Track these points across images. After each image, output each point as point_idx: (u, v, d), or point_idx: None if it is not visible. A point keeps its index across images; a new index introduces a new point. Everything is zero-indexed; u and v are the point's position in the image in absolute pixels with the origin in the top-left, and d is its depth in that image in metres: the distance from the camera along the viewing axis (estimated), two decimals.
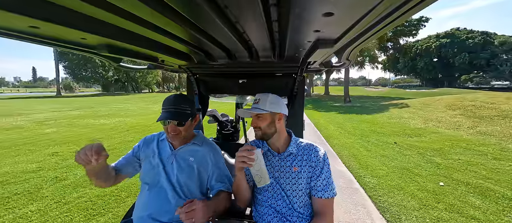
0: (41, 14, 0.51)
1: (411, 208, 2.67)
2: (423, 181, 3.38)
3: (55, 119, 9.68)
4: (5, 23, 0.56)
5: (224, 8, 0.53)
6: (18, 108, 14.26)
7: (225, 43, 0.90)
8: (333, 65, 1.30)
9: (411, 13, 0.50)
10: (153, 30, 0.67)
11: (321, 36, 0.70)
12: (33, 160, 4.30)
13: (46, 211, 2.56)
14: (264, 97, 1.06)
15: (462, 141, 5.55)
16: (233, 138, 2.31)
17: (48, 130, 7.28)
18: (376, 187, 3.23)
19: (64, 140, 5.91)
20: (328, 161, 1.04)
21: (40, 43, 0.72)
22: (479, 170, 3.75)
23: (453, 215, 2.52)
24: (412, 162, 4.21)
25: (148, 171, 1.11)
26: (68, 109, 14.07)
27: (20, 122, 8.63)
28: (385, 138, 6.16)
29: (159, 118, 1.05)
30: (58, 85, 36.69)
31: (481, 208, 2.64)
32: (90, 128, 7.80)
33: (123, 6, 0.51)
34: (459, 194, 2.98)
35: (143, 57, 1.04)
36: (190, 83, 1.70)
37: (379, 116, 10.05)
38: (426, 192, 3.05)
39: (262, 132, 1.04)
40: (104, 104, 18.11)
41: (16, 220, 2.37)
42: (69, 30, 0.61)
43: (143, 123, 8.86)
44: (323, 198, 0.98)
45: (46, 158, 4.39)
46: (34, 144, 5.42)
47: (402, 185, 3.26)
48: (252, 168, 0.94)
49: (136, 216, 1.08)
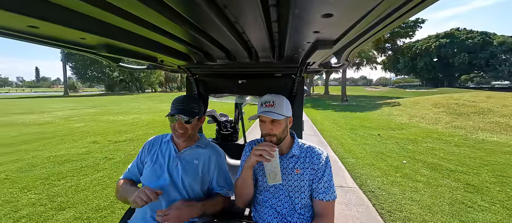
0: (40, 14, 0.51)
1: (375, 175, 3.65)
2: (391, 161, 4.36)
3: (77, 116, 10.76)
4: (4, 23, 0.56)
5: (223, 8, 0.53)
6: (35, 107, 15.37)
7: (224, 44, 0.90)
8: (332, 65, 1.31)
9: (410, 14, 0.50)
10: (152, 30, 0.67)
11: (321, 37, 0.70)
12: (79, 146, 5.33)
13: (109, 176, 3.59)
14: (278, 100, 1.00)
15: (436, 133, 6.52)
16: (232, 138, 2.28)
17: (77, 124, 8.34)
18: (354, 164, 4.21)
19: (95, 132, 6.95)
20: (330, 164, 1.04)
21: (40, 43, 0.73)
22: (438, 153, 4.73)
23: (404, 179, 3.50)
24: (388, 149, 5.19)
25: (152, 173, 1.11)
26: (83, 107, 15.16)
27: (47, 119, 9.71)
28: (371, 131, 7.15)
29: (169, 113, 1.09)
30: (66, 85, 38.16)
31: (426, 176, 3.62)
32: (112, 123, 8.85)
33: (122, 5, 0.52)
34: (415, 168, 3.96)
35: (143, 57, 1.03)
36: (190, 84, 1.70)
37: (371, 113, 11.06)
38: (390, 167, 4.04)
39: (278, 139, 0.99)
40: (114, 103, 19.20)
41: (93, 182, 3.39)
42: (68, 30, 0.62)
43: (158, 119, 9.90)
44: (324, 201, 0.98)
45: (89, 145, 5.42)
46: (72, 135, 6.47)
47: (374, 163, 4.24)
48: (269, 164, 0.94)
49: (138, 217, 1.08)
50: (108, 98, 27.42)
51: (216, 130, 2.30)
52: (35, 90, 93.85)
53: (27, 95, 41.16)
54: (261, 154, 0.91)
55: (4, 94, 47.14)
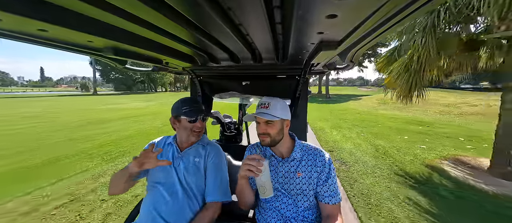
0: (49, 18, 0.53)
1: (321, 127, 9.21)
2: (331, 121, 9.96)
3: (139, 108, 16.10)
4: (15, 27, 0.58)
5: (227, 10, 0.53)
6: (100, 102, 20.24)
7: (228, 45, 0.90)
8: (336, 66, 1.32)
9: (416, 14, 0.50)
10: (157, 32, 0.68)
11: (325, 38, 0.70)
12: (160, 122, 10.85)
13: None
14: (273, 102, 1.02)
15: (363, 113, 12.18)
16: (236, 139, 2.28)
17: (146, 110, 13.68)
18: (317, 129, 9.64)
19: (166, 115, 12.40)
20: (333, 166, 1.04)
21: (49, 45, 0.75)
22: (351, 117, 10.37)
23: (334, 127, 9.02)
24: (332, 116, 10.81)
25: (157, 173, 1.15)
26: (132, 101, 20.34)
27: (125, 106, 15.10)
28: (332, 112, 12.80)
29: (189, 116, 1.13)
30: (95, 85, 43.76)
31: (343, 125, 9.18)
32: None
33: (128, 8, 0.53)
34: (339, 123, 9.51)
35: (148, 59, 1.05)
36: (194, 85, 1.73)
37: (338, 105, 16.98)
38: (327, 122, 9.64)
39: (271, 139, 1.02)
40: (148, 100, 23.81)
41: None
42: (76, 33, 0.63)
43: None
44: (330, 204, 0.99)
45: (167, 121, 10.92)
46: (154, 115, 11.86)
47: (323, 122, 9.82)
48: (258, 178, 0.93)
49: (145, 214, 1.10)
50: (133, 96, 31.70)
51: (220, 132, 2.27)
52: (42, 90, 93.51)
53: (47, 94, 40.98)
54: (250, 169, 0.91)
55: (29, 94, 47.94)
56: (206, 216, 1.09)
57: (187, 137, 1.17)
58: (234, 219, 1.26)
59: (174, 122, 1.18)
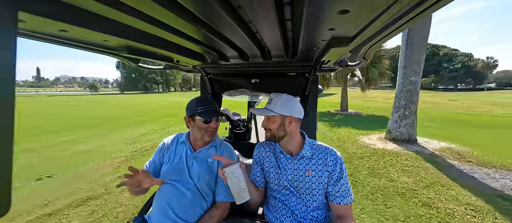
0: (70, 19, 0.54)
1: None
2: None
3: (182, 101, 18.76)
4: (39, 28, 0.60)
5: (237, 8, 0.53)
6: (139, 101, 21.96)
7: (237, 43, 0.88)
8: (348, 64, 1.26)
9: (430, 10, 0.48)
10: (169, 31, 0.68)
11: (336, 34, 0.67)
12: None
13: None
14: (276, 98, 1.00)
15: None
16: (245, 137, 2.27)
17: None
18: None
19: None
20: (344, 165, 1.00)
21: (67, 45, 0.76)
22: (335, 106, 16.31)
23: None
24: (318, 107, 16.21)
25: (170, 171, 1.14)
26: (170, 98, 22.98)
27: (165, 103, 17.86)
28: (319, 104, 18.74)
29: (204, 116, 1.11)
30: (122, 86, 46.46)
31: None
32: None
33: (142, 8, 0.53)
34: (320, 109, 15.41)
35: (160, 58, 1.05)
36: (204, 83, 1.71)
37: (325, 98, 20.45)
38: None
39: (271, 134, 1.01)
40: (181, 96, 25.17)
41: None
42: (93, 33, 0.64)
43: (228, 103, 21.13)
44: (342, 205, 0.95)
45: None
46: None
47: None
48: (231, 184, 0.92)
49: (158, 207, 1.11)
50: (154, 95, 33.75)
51: (229, 129, 2.29)
52: (47, 90, 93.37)
53: (59, 94, 40.20)
54: (223, 174, 0.92)
55: (45, 93, 46.63)
56: (216, 215, 1.09)
57: (201, 136, 1.15)
58: (244, 216, 1.24)
59: (189, 121, 1.16)
